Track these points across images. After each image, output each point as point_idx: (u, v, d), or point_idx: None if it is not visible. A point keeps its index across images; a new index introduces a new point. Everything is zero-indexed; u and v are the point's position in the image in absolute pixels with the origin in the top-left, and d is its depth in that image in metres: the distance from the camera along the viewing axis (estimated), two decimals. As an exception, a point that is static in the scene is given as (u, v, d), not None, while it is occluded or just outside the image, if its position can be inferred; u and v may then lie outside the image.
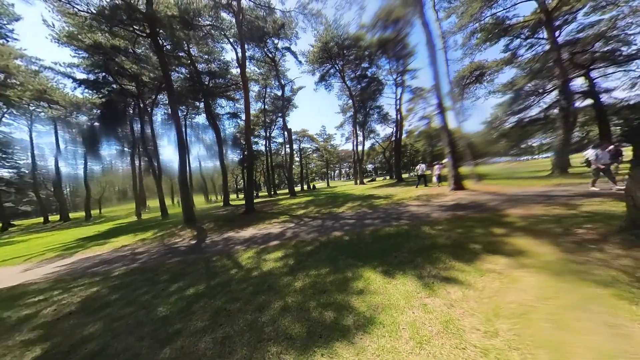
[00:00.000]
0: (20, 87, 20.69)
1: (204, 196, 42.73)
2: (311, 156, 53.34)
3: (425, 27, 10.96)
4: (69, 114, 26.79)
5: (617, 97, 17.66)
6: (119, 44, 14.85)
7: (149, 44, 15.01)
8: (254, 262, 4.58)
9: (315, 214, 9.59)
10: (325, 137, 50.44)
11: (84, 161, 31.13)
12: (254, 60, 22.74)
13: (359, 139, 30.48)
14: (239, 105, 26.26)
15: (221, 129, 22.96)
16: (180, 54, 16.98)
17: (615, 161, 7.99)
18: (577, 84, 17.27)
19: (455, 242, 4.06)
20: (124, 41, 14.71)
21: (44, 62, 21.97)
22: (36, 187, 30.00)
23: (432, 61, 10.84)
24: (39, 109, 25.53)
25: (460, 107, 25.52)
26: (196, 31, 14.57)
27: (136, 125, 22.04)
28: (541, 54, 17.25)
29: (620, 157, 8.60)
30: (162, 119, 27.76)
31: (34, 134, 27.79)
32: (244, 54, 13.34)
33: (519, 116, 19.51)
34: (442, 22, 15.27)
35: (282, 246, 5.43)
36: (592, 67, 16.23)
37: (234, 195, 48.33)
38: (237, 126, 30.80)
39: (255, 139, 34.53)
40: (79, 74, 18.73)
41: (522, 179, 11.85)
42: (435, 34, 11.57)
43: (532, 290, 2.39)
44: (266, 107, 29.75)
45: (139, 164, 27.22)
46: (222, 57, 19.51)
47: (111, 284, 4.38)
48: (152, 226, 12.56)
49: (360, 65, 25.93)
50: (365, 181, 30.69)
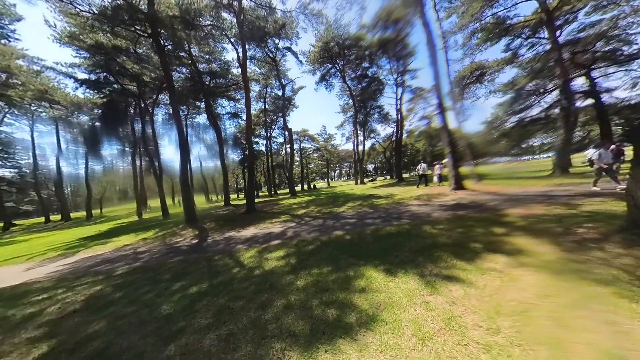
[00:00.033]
0: (21, 87, 20.76)
1: (204, 196, 42.83)
2: (311, 156, 53.31)
3: (425, 27, 10.97)
4: (70, 114, 26.88)
5: (618, 97, 17.70)
6: (120, 44, 14.89)
7: (150, 44, 15.05)
8: (255, 261, 4.60)
9: (316, 214, 9.62)
10: (325, 136, 50.42)
11: (85, 161, 31.22)
12: (255, 60, 22.77)
13: (360, 138, 30.55)
14: (239, 105, 26.31)
15: (222, 129, 23.01)
16: (181, 54, 17.02)
17: (617, 161, 8.00)
18: (578, 83, 17.29)
19: (456, 242, 4.08)
20: (126, 41, 14.75)
21: (45, 62, 22.07)
22: (37, 187, 30.09)
23: (433, 61, 10.86)
24: (41, 109, 25.62)
25: (460, 107, 25.52)
26: (197, 31, 14.61)
27: (137, 125, 22.10)
28: (542, 53, 17.25)
29: (622, 157, 8.60)
30: (162, 118, 27.85)
31: (35, 134, 27.91)
32: (245, 54, 13.37)
33: (519, 116, 19.52)
34: (442, 22, 15.32)
35: (284, 245, 5.45)
36: (593, 66, 16.22)
37: (235, 195, 48.38)
38: (238, 126, 30.85)
39: (255, 139, 34.57)
40: (80, 74, 18.80)
41: (522, 179, 11.85)
42: (435, 34, 11.60)
43: (532, 288, 2.41)
44: (267, 107, 29.78)
45: (140, 164, 27.29)
46: (223, 57, 19.55)
47: (114, 283, 4.41)
48: (154, 226, 12.59)
49: (360, 65, 25.93)
50: (365, 181, 30.71)
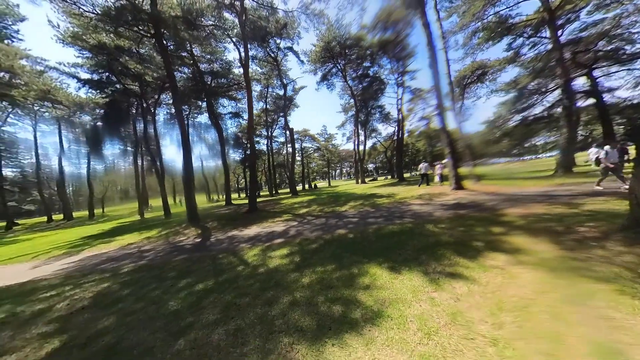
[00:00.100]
0: (24, 87, 20.87)
1: (206, 195, 43.00)
2: (312, 155, 53.36)
3: (426, 27, 10.95)
4: (73, 114, 27.01)
5: (620, 97, 17.66)
6: (123, 44, 14.96)
7: (152, 44, 15.11)
8: (259, 260, 4.65)
9: (318, 213, 9.66)
10: (326, 136, 50.44)
11: (87, 160, 31.37)
12: (256, 59, 22.83)
13: (361, 138, 30.57)
14: (240, 105, 26.37)
15: (223, 129, 23.08)
16: (183, 54, 17.08)
17: (621, 160, 7.99)
18: (580, 83, 17.25)
19: (458, 240, 4.11)
20: (128, 41, 14.81)
21: (49, 62, 22.18)
22: (40, 187, 30.28)
23: (433, 62, 10.83)
24: (43, 109, 25.76)
25: (460, 107, 25.59)
26: (199, 31, 14.65)
27: (139, 124, 22.18)
28: (544, 53, 17.23)
29: (626, 156, 8.59)
30: (164, 118, 27.92)
31: (38, 134, 28.06)
32: (247, 53, 13.41)
33: (522, 114, 19.46)
34: (443, 22, 15.31)
35: (287, 244, 5.50)
36: (595, 66, 16.17)
37: (235, 194, 48.51)
38: (239, 125, 30.91)
39: (256, 139, 34.65)
40: (83, 74, 18.88)
41: (524, 179, 11.85)
42: (435, 35, 11.57)
43: (532, 285, 2.45)
44: (268, 106, 29.83)
45: (142, 163, 27.42)
46: (225, 57, 19.58)
47: (121, 280, 4.47)
48: (156, 225, 12.66)
49: (362, 64, 25.92)
50: (366, 180, 30.75)
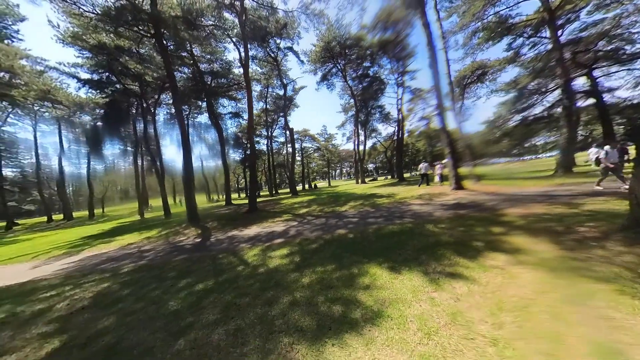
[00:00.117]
0: (24, 87, 20.87)
1: (205, 195, 43.00)
2: (312, 155, 53.38)
3: (426, 27, 10.94)
4: (73, 114, 27.01)
5: (620, 97, 17.66)
6: (123, 44, 14.95)
7: (152, 44, 15.11)
8: (259, 260, 4.65)
9: (318, 213, 9.66)
10: (326, 136, 50.47)
11: (87, 160, 31.36)
12: (256, 59, 22.83)
13: (361, 138, 30.56)
14: (240, 105, 26.38)
15: (223, 129, 23.07)
16: (183, 54, 17.08)
17: (621, 160, 7.98)
18: (580, 83, 17.25)
19: (458, 240, 4.11)
20: (128, 41, 14.81)
21: (49, 62, 22.18)
22: (40, 187, 30.28)
23: (433, 62, 10.83)
24: (43, 109, 25.76)
25: (460, 107, 25.57)
26: (199, 31, 14.65)
27: (139, 124, 22.18)
28: (543, 53, 17.23)
29: (626, 156, 8.59)
30: (164, 118, 27.92)
31: (38, 134, 28.06)
32: (247, 53, 13.41)
33: (522, 114, 19.45)
34: (443, 22, 15.30)
35: (287, 244, 5.50)
36: (595, 66, 16.17)
37: (235, 194, 48.51)
38: (239, 125, 30.92)
39: (256, 138, 34.64)
40: (83, 74, 18.88)
41: (523, 180, 11.85)
42: (436, 35, 11.57)
43: (531, 285, 2.45)
44: (268, 106, 29.84)
45: (142, 163, 27.41)
46: (224, 57, 19.58)
47: (121, 280, 4.47)
48: (156, 225, 12.66)
49: (362, 64, 25.92)
50: (366, 180, 30.75)
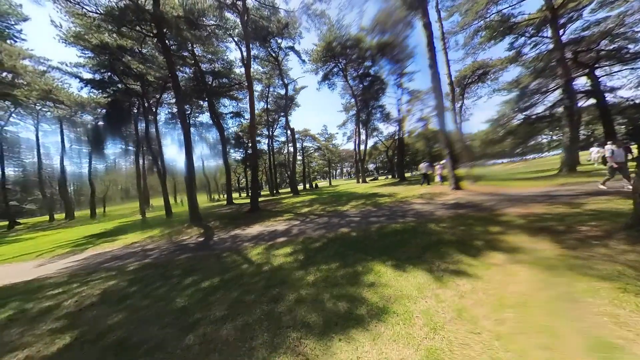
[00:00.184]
0: (27, 87, 20.94)
1: (207, 195, 43.07)
2: (313, 155, 53.42)
3: (426, 28, 10.93)
4: (74, 114, 27.07)
5: (621, 97, 17.60)
6: (125, 44, 15.00)
7: (154, 44, 15.15)
8: (263, 258, 4.69)
9: (320, 212, 9.70)
10: (326, 136, 50.50)
11: (88, 160, 31.44)
12: (258, 59, 22.91)
13: (362, 137, 30.56)
14: (242, 104, 26.43)
15: (224, 128, 23.12)
16: (184, 54, 17.12)
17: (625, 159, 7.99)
18: (581, 83, 17.21)
19: (460, 239, 4.15)
20: (131, 41, 14.86)
21: (51, 62, 22.24)
22: (42, 186, 30.40)
23: (432, 63, 10.82)
24: (45, 109, 25.83)
25: (460, 107, 25.54)
26: (201, 31, 14.69)
27: (140, 124, 22.23)
28: (545, 52, 17.21)
29: (629, 155, 8.60)
30: (165, 118, 27.97)
31: (39, 133, 28.16)
32: (249, 53, 13.45)
33: (525, 113, 19.39)
34: (443, 22, 15.28)
35: (290, 242, 5.54)
36: (597, 65, 16.12)
37: (236, 194, 48.57)
38: (240, 125, 30.97)
39: (257, 138, 34.68)
40: (85, 74, 18.93)
41: (526, 180, 11.85)
42: (436, 35, 11.56)
43: (533, 283, 2.49)
44: (269, 106, 29.89)
45: (143, 163, 27.48)
46: (226, 57, 19.62)
47: (127, 278, 4.52)
48: (159, 224, 12.72)
49: (362, 64, 25.94)
50: (367, 180, 30.77)
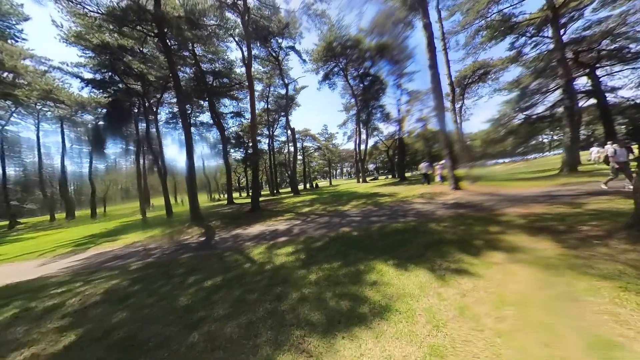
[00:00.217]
0: (27, 87, 20.97)
1: (207, 194, 43.08)
2: (313, 155, 53.44)
3: (427, 28, 10.93)
4: (75, 113, 27.10)
5: (622, 97, 17.60)
6: (126, 44, 15.02)
7: (155, 43, 15.16)
8: (265, 257, 4.72)
9: (321, 212, 9.73)
10: (327, 136, 50.52)
11: (89, 159, 31.46)
12: (258, 59, 22.94)
13: (362, 137, 30.55)
14: (242, 104, 26.46)
15: (225, 128, 23.15)
16: (185, 54, 17.13)
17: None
18: (581, 83, 17.20)
19: (461, 238, 4.17)
20: (132, 41, 14.88)
21: (52, 62, 22.26)
22: (42, 185, 30.42)
23: (432, 64, 10.82)
24: (46, 108, 25.86)
25: (460, 107, 25.51)
26: (202, 31, 14.70)
27: (141, 124, 22.25)
28: (545, 52, 17.20)
29: (631, 154, 8.62)
30: (166, 118, 27.98)
31: (40, 133, 28.17)
32: (250, 53, 13.47)
33: (526, 113, 19.39)
34: (444, 22, 15.31)
35: (292, 242, 5.57)
36: (598, 65, 16.10)
37: (237, 193, 48.56)
38: (241, 124, 31.01)
39: (258, 138, 34.66)
40: (86, 74, 18.95)
41: (526, 180, 11.86)
42: (436, 36, 11.56)
43: (532, 282, 2.52)
44: (269, 106, 29.90)
45: (143, 163, 27.48)
46: (227, 57, 19.64)
47: (130, 277, 4.55)
48: (160, 224, 12.76)
49: (362, 64, 25.94)
50: (368, 180, 30.78)
